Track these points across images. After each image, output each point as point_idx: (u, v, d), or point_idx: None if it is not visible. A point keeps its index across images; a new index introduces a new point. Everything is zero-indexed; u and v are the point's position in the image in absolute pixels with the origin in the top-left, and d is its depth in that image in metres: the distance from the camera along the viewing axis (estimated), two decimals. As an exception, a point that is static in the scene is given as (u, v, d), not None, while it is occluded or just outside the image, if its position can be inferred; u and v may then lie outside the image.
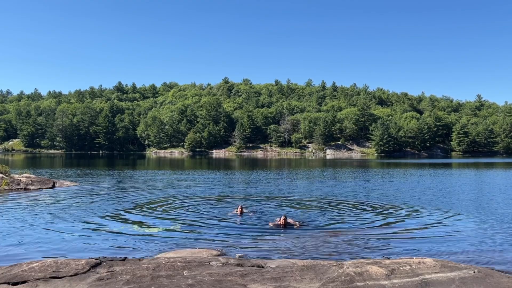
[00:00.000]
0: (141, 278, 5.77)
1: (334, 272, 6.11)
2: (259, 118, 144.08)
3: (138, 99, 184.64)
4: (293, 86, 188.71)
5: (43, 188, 21.50)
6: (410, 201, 18.15)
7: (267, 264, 6.78)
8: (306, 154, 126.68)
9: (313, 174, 38.44)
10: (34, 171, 30.90)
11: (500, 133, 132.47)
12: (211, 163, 69.55)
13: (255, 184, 26.80)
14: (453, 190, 22.95)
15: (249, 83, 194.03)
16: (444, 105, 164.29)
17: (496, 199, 19.10)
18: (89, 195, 19.02)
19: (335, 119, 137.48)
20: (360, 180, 30.56)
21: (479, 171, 42.98)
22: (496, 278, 5.97)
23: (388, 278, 5.87)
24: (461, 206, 16.73)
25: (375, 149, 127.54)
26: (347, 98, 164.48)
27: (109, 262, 6.58)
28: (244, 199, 18.62)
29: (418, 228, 12.13)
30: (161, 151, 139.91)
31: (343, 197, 19.39)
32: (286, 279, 5.92)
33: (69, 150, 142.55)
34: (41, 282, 5.68)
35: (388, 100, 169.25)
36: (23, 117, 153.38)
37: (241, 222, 12.75)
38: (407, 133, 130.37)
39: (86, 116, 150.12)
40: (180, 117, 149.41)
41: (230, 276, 5.93)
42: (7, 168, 23.70)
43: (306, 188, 24.29)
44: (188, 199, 18.10)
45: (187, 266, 6.33)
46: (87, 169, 41.53)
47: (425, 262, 6.49)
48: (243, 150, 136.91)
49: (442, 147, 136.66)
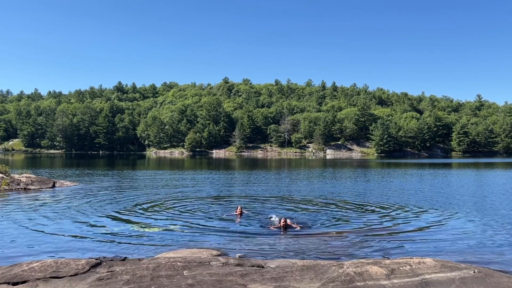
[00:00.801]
0: (141, 278, 5.77)
1: (334, 272, 6.11)
2: (259, 118, 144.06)
3: (138, 99, 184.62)
4: (293, 86, 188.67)
5: (43, 188, 21.50)
6: (410, 201, 18.15)
7: (267, 264, 6.78)
8: (306, 154, 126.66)
9: (313, 174, 38.44)
10: (34, 171, 30.89)
11: (500, 133, 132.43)
12: (211, 163, 69.55)
13: (255, 184, 26.80)
14: (453, 190, 22.95)
15: (249, 83, 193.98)
16: (444, 105, 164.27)
17: (496, 200, 19.10)
18: (89, 195, 19.02)
19: (335, 119, 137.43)
20: (359, 180, 30.56)
21: (479, 171, 42.98)
22: (496, 278, 5.97)
23: (388, 278, 5.87)
24: (461, 206, 16.73)
25: (375, 149, 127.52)
26: (347, 98, 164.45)
27: (109, 262, 6.58)
28: (244, 199, 18.63)
29: (418, 228, 12.13)
30: (161, 151, 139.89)
31: (343, 197, 19.40)
32: (286, 279, 5.92)
33: (69, 150, 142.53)
34: (41, 282, 5.68)
35: (388, 100, 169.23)
36: (23, 117, 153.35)
37: (241, 223, 12.75)
38: (407, 133, 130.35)
39: (86, 116, 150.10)
40: (180, 117, 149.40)
41: (230, 276, 5.93)
42: (7, 168, 23.70)
43: (306, 188, 24.28)
44: (188, 199, 18.10)
45: (187, 266, 6.33)
46: (87, 169, 41.52)
47: (425, 262, 6.49)
48: (243, 150, 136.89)
49: (442, 147, 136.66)
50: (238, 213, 13.77)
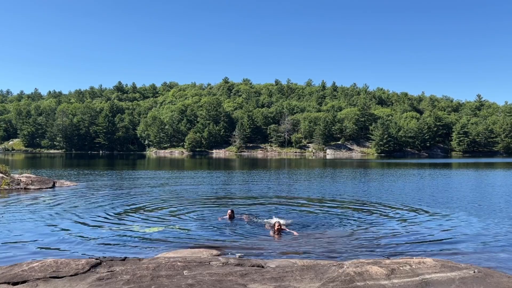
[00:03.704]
0: (141, 278, 5.77)
1: (334, 272, 6.11)
2: (259, 118, 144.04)
3: (138, 99, 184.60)
4: (293, 86, 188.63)
5: (43, 188, 21.51)
6: (410, 201, 18.15)
7: (267, 264, 6.78)
8: (306, 154, 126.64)
9: (313, 174, 38.43)
10: (34, 171, 30.88)
11: (500, 133, 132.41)
12: (211, 163, 69.54)
13: (255, 184, 26.78)
14: (453, 190, 22.95)
15: (249, 83, 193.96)
16: (444, 105, 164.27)
17: (496, 200, 19.10)
18: (89, 195, 19.03)
19: (335, 119, 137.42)
20: (359, 180, 30.55)
21: (479, 171, 42.97)
22: (496, 278, 5.97)
23: (388, 278, 5.87)
24: (461, 206, 16.73)
25: (375, 149, 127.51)
26: (347, 98, 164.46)
27: (109, 262, 6.58)
28: (242, 199, 18.63)
29: (418, 228, 12.12)
30: (161, 151, 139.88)
31: (343, 197, 19.40)
32: (286, 279, 5.91)
33: (69, 150, 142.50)
34: (41, 282, 5.68)
35: (388, 100, 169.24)
36: (23, 117, 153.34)
37: (240, 224, 12.65)
38: (407, 133, 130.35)
39: (86, 116, 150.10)
40: (180, 117, 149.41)
41: (230, 276, 5.93)
42: (7, 168, 23.70)
43: (306, 188, 24.27)
44: (189, 199, 18.10)
45: (187, 266, 6.33)
46: (87, 169, 41.52)
47: (425, 262, 6.49)
48: (243, 150, 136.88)
49: (442, 147, 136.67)
50: (228, 218, 12.94)
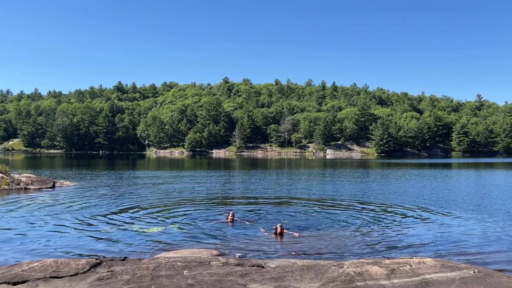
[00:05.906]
0: (141, 278, 5.77)
1: (334, 272, 6.11)
2: (259, 118, 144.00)
3: (138, 99, 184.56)
4: (293, 86, 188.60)
5: (43, 188, 21.51)
6: (410, 201, 18.15)
7: (267, 264, 6.78)
8: (306, 154, 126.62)
9: (313, 174, 38.43)
10: (34, 171, 30.88)
11: (500, 133, 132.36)
12: (211, 163, 69.53)
13: (255, 184, 26.78)
14: (453, 190, 22.95)
15: (249, 83, 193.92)
16: (444, 105, 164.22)
17: (496, 200, 19.10)
18: (89, 195, 19.03)
19: (335, 119, 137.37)
20: (359, 180, 30.55)
21: (479, 171, 42.97)
22: (496, 278, 5.97)
23: (388, 278, 5.87)
24: (461, 206, 16.73)
25: (375, 149, 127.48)
26: (347, 98, 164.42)
27: (109, 262, 6.58)
28: (242, 200, 18.63)
29: (418, 228, 12.12)
30: (161, 151, 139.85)
31: (343, 197, 19.39)
32: (286, 279, 5.91)
33: (69, 150, 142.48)
34: (41, 282, 5.68)
35: (388, 100, 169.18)
36: (23, 117, 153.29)
37: (240, 225, 12.58)
38: (407, 133, 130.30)
39: (86, 116, 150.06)
40: (180, 117, 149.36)
41: (230, 276, 5.93)
42: (7, 168, 23.70)
43: (306, 189, 24.27)
44: (188, 200, 18.10)
45: (187, 266, 6.33)
46: (87, 169, 41.52)
47: (425, 262, 6.49)
48: (243, 150, 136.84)
49: (442, 147, 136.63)
50: (230, 220, 12.68)
